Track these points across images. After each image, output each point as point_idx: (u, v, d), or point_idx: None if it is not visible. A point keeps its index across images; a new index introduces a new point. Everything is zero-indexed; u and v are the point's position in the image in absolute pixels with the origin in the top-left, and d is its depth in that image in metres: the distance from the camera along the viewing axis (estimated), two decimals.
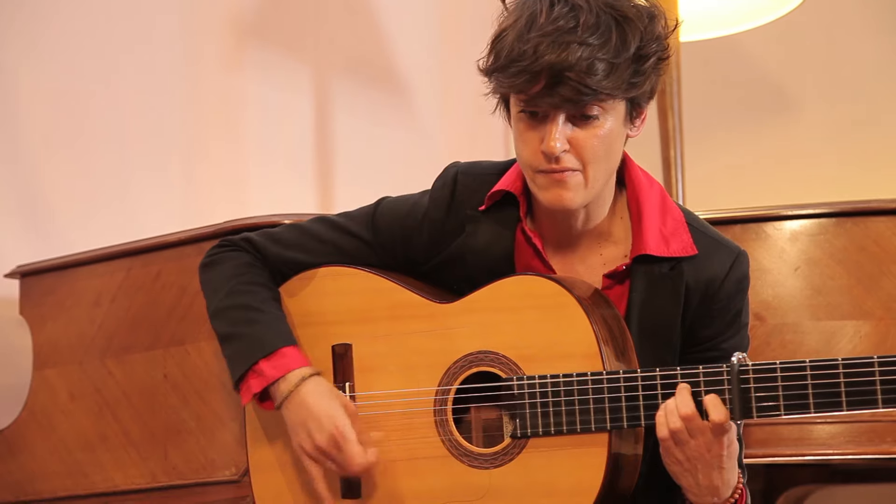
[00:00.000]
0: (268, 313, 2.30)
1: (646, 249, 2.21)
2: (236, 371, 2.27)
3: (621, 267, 2.24)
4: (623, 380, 2.12)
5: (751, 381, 2.08)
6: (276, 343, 2.26)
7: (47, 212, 3.49)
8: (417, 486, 2.22)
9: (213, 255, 2.40)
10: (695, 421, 2.06)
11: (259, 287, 2.33)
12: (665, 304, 2.22)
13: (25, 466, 3.01)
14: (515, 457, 2.17)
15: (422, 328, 2.25)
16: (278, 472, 2.32)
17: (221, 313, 2.32)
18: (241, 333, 2.28)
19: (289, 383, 2.24)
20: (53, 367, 3.03)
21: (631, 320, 2.22)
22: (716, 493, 2.12)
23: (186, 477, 2.79)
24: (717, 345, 2.25)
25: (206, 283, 2.38)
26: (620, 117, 2.15)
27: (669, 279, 2.22)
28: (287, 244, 2.37)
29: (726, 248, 2.25)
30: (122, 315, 2.96)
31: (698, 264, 2.22)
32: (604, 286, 2.25)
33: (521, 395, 2.16)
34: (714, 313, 2.23)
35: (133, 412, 2.89)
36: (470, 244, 2.27)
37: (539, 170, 2.15)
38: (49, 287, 3.08)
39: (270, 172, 3.98)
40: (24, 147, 3.47)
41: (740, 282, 2.24)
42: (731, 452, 2.10)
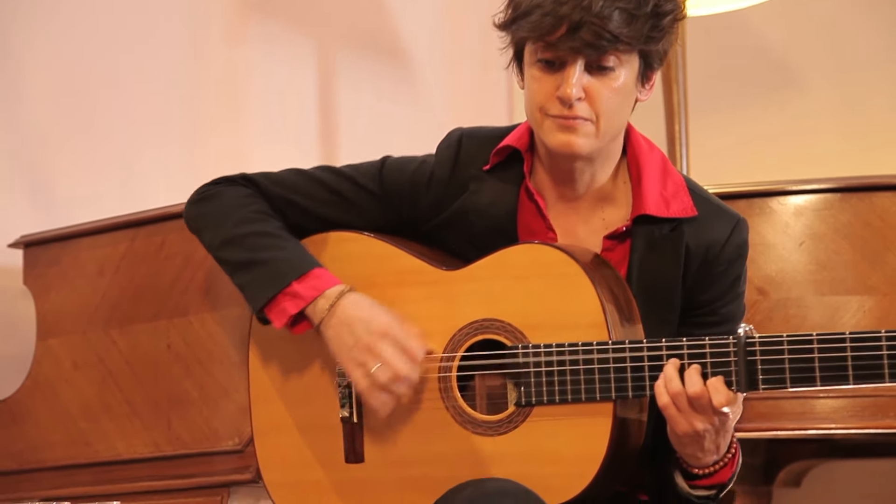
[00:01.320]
0: (288, 240, 2.29)
1: (646, 209, 2.23)
2: (262, 296, 2.23)
3: (622, 228, 2.25)
4: (628, 350, 2.12)
5: (757, 354, 2.08)
6: (307, 265, 2.24)
7: (51, 182, 3.49)
8: (421, 452, 2.22)
9: (207, 190, 2.37)
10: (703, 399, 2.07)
11: (269, 217, 2.32)
12: (665, 264, 2.23)
13: (29, 435, 3.01)
14: (519, 425, 2.17)
15: (427, 294, 2.24)
16: (282, 436, 2.32)
17: (233, 242, 2.29)
18: (263, 259, 2.25)
19: (328, 299, 2.22)
20: (57, 337, 3.03)
21: (632, 281, 2.23)
22: (716, 452, 2.14)
23: (190, 446, 2.80)
24: (715, 310, 2.26)
25: (202, 216, 2.35)
26: (634, 74, 2.18)
27: (669, 240, 2.23)
28: (289, 187, 2.35)
29: (727, 213, 2.27)
30: (125, 285, 2.96)
31: (699, 228, 2.24)
32: (605, 248, 2.26)
33: (525, 364, 2.16)
34: (713, 278, 2.25)
35: (136, 382, 2.89)
36: (473, 202, 2.28)
37: (551, 114, 2.17)
38: (53, 257, 3.08)
39: (274, 146, 3.98)
40: (28, 119, 3.47)
41: (740, 247, 2.26)
42: (735, 418, 2.12)
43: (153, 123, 3.69)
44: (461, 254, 2.28)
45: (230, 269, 2.29)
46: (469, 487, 2.08)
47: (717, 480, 2.17)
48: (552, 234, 2.27)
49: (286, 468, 2.31)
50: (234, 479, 2.72)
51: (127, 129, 3.64)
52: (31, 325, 3.10)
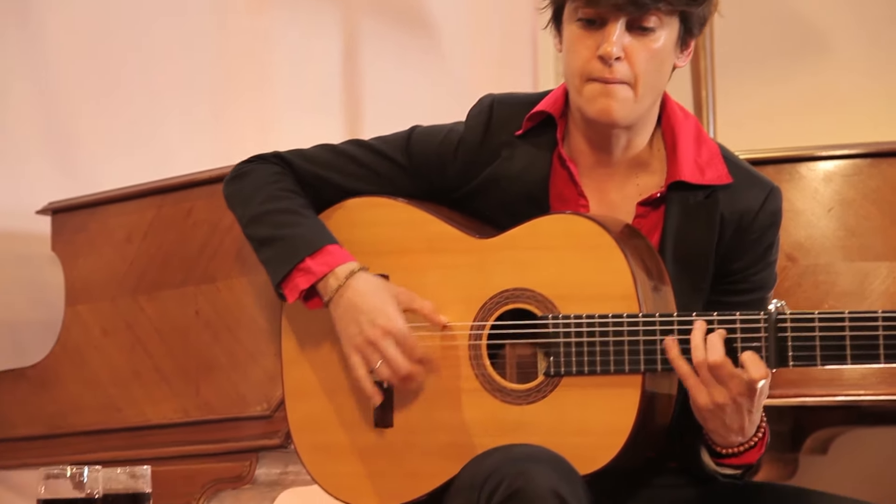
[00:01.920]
0: (308, 217, 2.30)
1: (681, 176, 2.22)
2: (279, 271, 2.26)
3: (656, 194, 2.25)
4: (659, 323, 2.12)
5: (788, 331, 2.07)
6: (321, 241, 2.26)
7: (78, 149, 3.50)
8: (450, 418, 2.23)
9: (241, 168, 2.40)
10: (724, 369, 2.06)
11: (295, 195, 2.33)
12: (700, 231, 2.23)
13: (58, 400, 3.04)
14: (548, 394, 2.17)
15: (459, 262, 2.24)
16: (313, 400, 2.33)
17: (260, 218, 2.31)
18: (282, 235, 2.28)
19: (338, 278, 2.24)
20: (85, 304, 3.04)
21: (665, 248, 2.23)
22: (741, 433, 2.12)
23: (218, 412, 2.81)
24: (747, 277, 2.26)
25: (236, 194, 2.38)
26: (673, 38, 2.18)
27: (704, 207, 2.23)
28: (319, 163, 2.37)
29: (761, 181, 2.27)
30: (153, 252, 2.97)
31: (733, 195, 2.23)
32: (638, 214, 2.26)
33: (555, 334, 2.16)
34: (746, 245, 2.24)
35: (165, 348, 2.90)
36: (505, 169, 2.28)
37: (591, 77, 2.17)
38: (80, 224, 3.09)
39: (299, 114, 3.98)
40: (55, 86, 3.47)
41: (774, 215, 2.26)
42: (761, 398, 2.10)
43: (179, 91, 3.70)
44: (493, 221, 2.27)
45: (256, 245, 2.32)
46: (497, 453, 2.08)
47: (743, 461, 2.17)
48: (584, 201, 2.26)
49: (316, 431, 2.32)
50: (263, 444, 2.73)
51: (153, 96, 3.64)
52: (60, 291, 3.11)
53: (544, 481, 1.97)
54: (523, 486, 1.96)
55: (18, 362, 3.19)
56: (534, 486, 1.96)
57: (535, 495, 1.96)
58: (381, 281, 2.25)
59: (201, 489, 2.79)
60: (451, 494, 2.15)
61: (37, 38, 3.45)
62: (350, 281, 2.23)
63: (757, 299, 2.26)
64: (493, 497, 1.98)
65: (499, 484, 1.98)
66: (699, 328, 2.08)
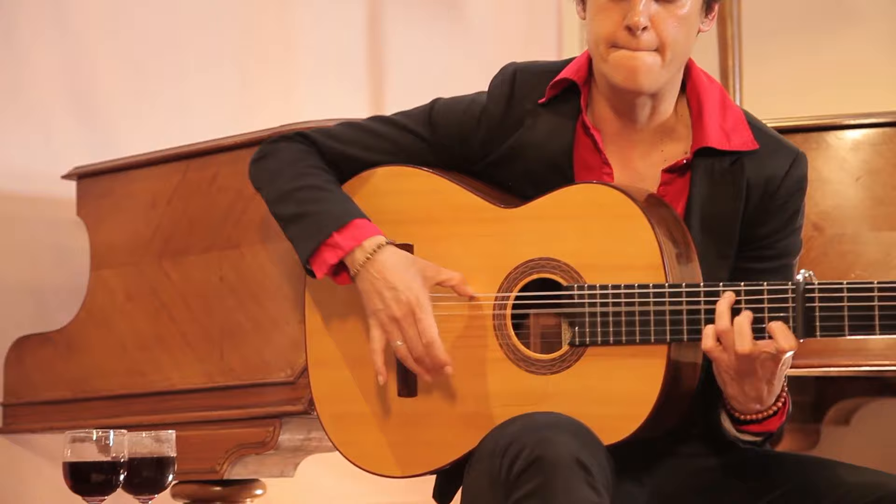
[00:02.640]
0: (335, 192, 2.30)
1: (707, 142, 2.21)
2: (307, 247, 2.26)
3: (682, 161, 2.23)
4: (685, 293, 2.11)
5: (816, 301, 2.06)
6: (349, 216, 2.26)
7: (104, 115, 3.51)
8: (474, 387, 2.23)
9: (266, 148, 2.40)
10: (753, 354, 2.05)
11: (321, 171, 2.33)
12: (726, 198, 2.22)
13: (84, 364, 3.05)
14: (573, 364, 2.17)
15: (484, 232, 2.24)
16: (336, 370, 2.33)
17: (287, 196, 2.31)
18: (310, 212, 2.27)
19: (364, 251, 2.23)
20: (110, 268, 3.05)
21: (691, 216, 2.22)
22: (759, 401, 2.12)
23: (242, 378, 2.82)
24: (772, 244, 2.25)
25: (262, 172, 2.38)
26: (699, 3, 2.18)
27: (730, 174, 2.22)
28: (343, 140, 2.36)
29: (786, 147, 2.26)
30: (178, 217, 2.97)
31: (759, 161, 2.23)
32: (663, 181, 2.25)
33: (580, 304, 2.15)
34: (772, 211, 2.24)
35: (189, 314, 2.91)
36: (528, 138, 2.27)
37: (616, 45, 2.16)
38: (106, 189, 3.10)
39: (322, 80, 3.98)
40: (81, 52, 3.47)
41: (800, 181, 2.25)
42: (784, 368, 2.10)
43: (204, 57, 3.70)
44: (517, 190, 2.27)
45: (283, 223, 2.32)
46: (519, 420, 2.08)
47: (763, 429, 2.17)
48: (608, 169, 2.25)
49: (339, 401, 2.33)
50: (286, 410, 2.74)
51: (178, 62, 3.65)
52: (85, 256, 3.12)
53: (566, 448, 1.97)
54: (544, 454, 1.96)
55: (44, 326, 3.21)
56: (555, 454, 1.96)
57: (556, 462, 1.96)
58: (407, 255, 2.25)
59: (225, 454, 2.80)
60: (473, 462, 2.16)
61: (63, 5, 3.45)
62: (377, 255, 2.23)
63: (782, 266, 2.26)
64: (515, 464, 1.98)
65: (520, 451, 1.99)
66: (726, 298, 2.08)
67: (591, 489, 1.96)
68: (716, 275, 2.21)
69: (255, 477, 2.89)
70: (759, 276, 2.20)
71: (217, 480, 2.84)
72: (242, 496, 2.90)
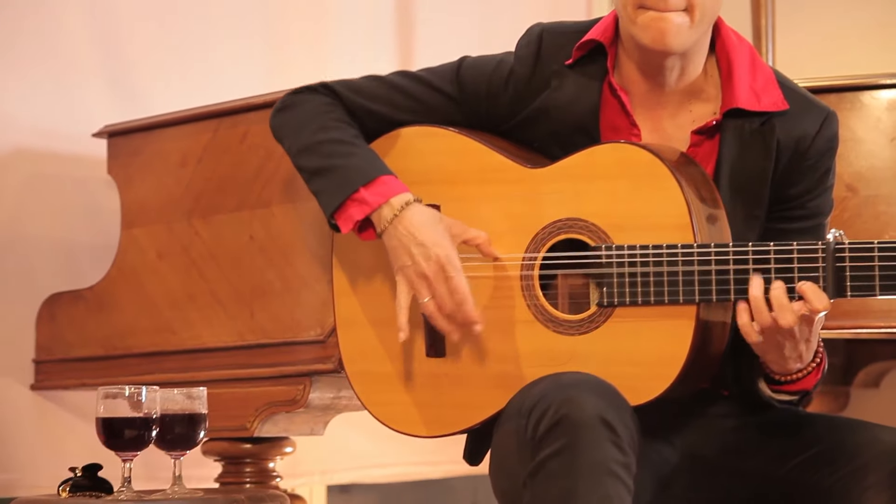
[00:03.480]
0: (361, 146, 2.29)
1: (737, 103, 2.19)
2: (333, 201, 2.25)
3: (711, 122, 2.22)
4: (714, 253, 2.10)
5: (846, 261, 2.05)
6: (376, 171, 2.25)
7: (134, 73, 3.51)
8: (502, 348, 2.23)
9: (290, 99, 2.39)
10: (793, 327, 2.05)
11: (346, 125, 2.32)
12: (756, 159, 2.20)
13: (115, 322, 3.07)
14: (601, 325, 2.16)
15: (511, 193, 2.23)
16: (365, 330, 2.34)
17: (311, 149, 2.30)
18: (336, 165, 2.26)
19: (392, 208, 2.23)
20: (141, 227, 3.06)
21: (721, 177, 2.20)
22: (799, 360, 2.12)
23: (272, 336, 2.83)
24: (804, 203, 2.24)
25: (285, 124, 2.37)
26: None
27: (760, 134, 2.21)
28: (368, 95, 2.35)
29: (817, 106, 2.24)
30: (208, 176, 2.97)
31: (789, 121, 2.21)
32: (692, 143, 2.23)
33: (608, 264, 2.14)
34: (803, 171, 2.22)
35: (220, 272, 2.92)
36: (555, 99, 2.26)
37: (644, 6, 2.14)
38: (136, 147, 3.10)
39: (351, 37, 3.96)
40: (111, 10, 3.47)
41: (831, 140, 2.24)
42: (819, 326, 2.09)
43: (233, 15, 3.69)
44: (543, 151, 2.26)
45: (307, 175, 2.31)
46: (545, 380, 2.08)
47: (800, 387, 2.16)
48: (636, 130, 2.24)
49: (368, 361, 2.33)
50: (316, 368, 2.75)
51: (207, 20, 3.64)
52: (116, 214, 3.13)
53: (591, 408, 1.97)
54: (569, 413, 1.96)
55: (75, 284, 3.23)
56: (580, 413, 1.96)
57: (581, 422, 1.96)
58: (435, 212, 2.24)
59: (255, 412, 2.82)
60: (500, 422, 2.16)
61: None
62: (405, 212, 2.22)
63: (814, 226, 2.25)
64: (541, 424, 1.99)
65: (546, 411, 1.98)
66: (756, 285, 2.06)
67: (616, 448, 1.96)
68: (745, 236, 2.20)
69: (284, 435, 2.91)
70: (792, 236, 2.19)
71: (247, 438, 2.86)
72: (272, 454, 2.92)
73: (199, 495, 2.38)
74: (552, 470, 1.96)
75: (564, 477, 1.95)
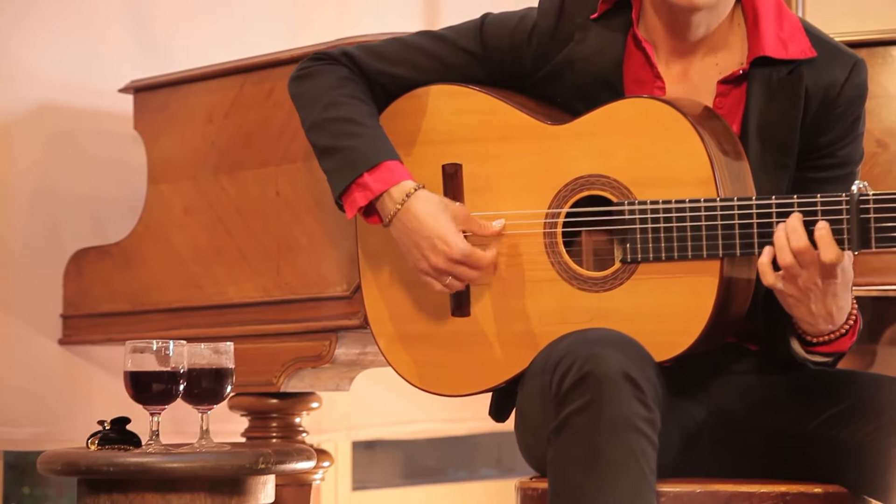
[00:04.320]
0: (370, 128, 2.29)
1: (764, 51, 2.18)
2: (339, 184, 2.27)
3: (738, 71, 2.20)
4: (737, 207, 2.08)
5: (871, 211, 2.02)
6: (380, 156, 2.25)
7: (160, 28, 3.50)
8: (526, 306, 2.22)
9: (308, 67, 2.38)
10: (807, 254, 2.02)
11: (359, 102, 2.31)
12: (785, 107, 2.19)
13: (141, 277, 3.08)
14: (625, 281, 2.15)
15: (533, 150, 2.22)
16: (389, 290, 2.34)
17: (321, 125, 2.31)
18: (343, 146, 2.27)
19: (394, 200, 2.23)
20: (167, 182, 3.07)
21: (749, 126, 2.19)
22: (830, 320, 2.09)
23: (298, 292, 2.83)
24: (834, 152, 2.22)
25: (300, 96, 2.37)
26: None
27: (788, 83, 2.19)
28: (390, 59, 2.34)
29: (845, 53, 2.22)
30: (234, 132, 2.97)
31: (817, 69, 2.19)
32: (719, 93, 2.22)
33: (631, 220, 2.13)
34: (833, 119, 2.20)
35: (246, 228, 2.92)
36: (579, 52, 2.24)
37: None
38: (162, 102, 3.10)
39: None
40: None
41: (860, 88, 2.22)
42: (844, 280, 2.06)
43: None
44: (567, 106, 2.24)
45: (318, 152, 2.32)
46: (570, 337, 2.08)
47: (833, 349, 2.14)
48: (660, 83, 2.22)
49: (393, 321, 2.33)
50: (342, 324, 2.75)
51: None
52: (142, 169, 3.14)
53: (615, 364, 1.96)
54: (593, 369, 1.96)
55: (102, 240, 3.24)
56: (604, 369, 1.96)
57: (605, 377, 1.95)
58: (437, 201, 2.24)
59: (282, 367, 2.82)
60: (525, 379, 2.16)
61: None
62: (407, 203, 2.22)
63: (845, 174, 2.23)
64: (565, 380, 1.98)
65: (570, 367, 1.98)
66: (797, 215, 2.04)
67: (640, 404, 1.96)
68: (775, 185, 2.19)
69: (310, 390, 2.92)
70: (823, 185, 2.19)
71: (273, 393, 2.87)
72: (298, 409, 2.93)
73: (227, 449, 2.40)
74: (577, 426, 1.96)
75: (589, 433, 1.95)
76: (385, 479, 4.35)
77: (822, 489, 2.12)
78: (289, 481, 2.89)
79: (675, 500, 2.10)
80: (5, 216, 3.24)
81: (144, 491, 2.34)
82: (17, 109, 3.28)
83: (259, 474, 2.39)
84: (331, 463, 3.00)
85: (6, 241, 3.23)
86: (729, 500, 2.10)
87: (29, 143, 3.29)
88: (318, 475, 2.96)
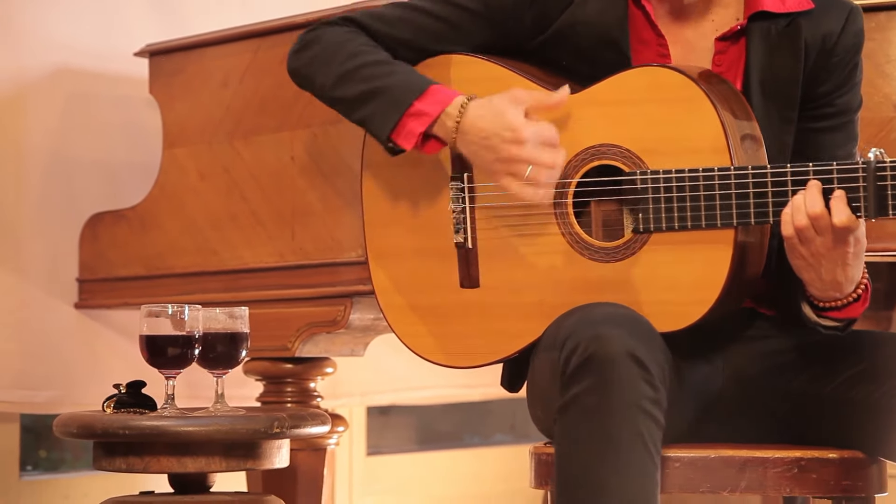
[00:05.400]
0: (399, 64, 2.26)
1: (761, 6, 2.17)
2: (387, 122, 2.21)
3: (736, 27, 2.20)
4: (752, 175, 2.07)
5: (888, 179, 2.01)
6: (424, 83, 2.21)
7: None
8: (536, 277, 2.21)
9: (308, 36, 2.35)
10: (822, 220, 2.01)
11: (374, 48, 2.29)
12: (785, 60, 2.19)
13: (157, 242, 3.08)
14: (637, 251, 2.15)
15: (542, 119, 2.20)
16: (397, 262, 2.33)
17: (347, 76, 2.27)
18: (380, 87, 2.23)
19: (451, 117, 2.18)
20: (183, 147, 3.07)
21: (750, 82, 2.18)
22: (838, 289, 2.09)
23: (313, 257, 2.83)
24: (832, 101, 2.22)
25: (309, 62, 2.32)
26: None
27: (787, 36, 2.19)
28: (392, 21, 2.32)
29: (840, 2, 2.22)
30: (249, 96, 2.97)
31: (814, 19, 2.19)
32: (717, 50, 2.21)
33: (643, 190, 2.12)
34: (831, 68, 2.20)
35: (261, 193, 2.92)
36: (580, 14, 2.23)
37: None
38: (178, 66, 3.10)
39: None
40: None
41: (857, 35, 2.22)
42: (857, 250, 2.06)
43: None
44: (571, 70, 2.23)
45: (347, 106, 2.27)
46: (576, 313, 2.07)
47: (844, 315, 2.14)
48: (663, 41, 2.22)
49: (401, 293, 2.33)
50: (357, 289, 2.75)
51: None
52: (158, 134, 3.14)
53: (620, 344, 1.96)
54: (598, 350, 1.96)
55: (117, 204, 3.24)
56: (609, 350, 1.96)
57: (610, 359, 1.95)
58: (491, 99, 2.18)
59: (296, 332, 2.83)
60: (537, 351, 2.16)
61: None
62: (465, 115, 2.17)
63: (843, 123, 2.23)
64: (571, 360, 1.98)
65: (576, 347, 1.98)
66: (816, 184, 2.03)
67: (647, 384, 1.96)
68: (781, 139, 2.19)
69: (325, 355, 2.92)
70: (823, 134, 2.19)
71: (288, 358, 2.87)
72: (313, 374, 2.94)
73: (242, 413, 2.41)
74: (583, 406, 1.97)
75: (596, 414, 1.95)
76: (399, 444, 4.36)
77: (838, 454, 2.12)
78: (303, 446, 2.90)
79: (689, 465, 2.10)
80: (21, 180, 3.25)
81: (160, 454, 2.35)
82: (33, 74, 3.27)
83: (274, 438, 2.40)
84: (345, 428, 3.00)
85: (22, 205, 3.24)
86: (743, 465, 2.11)
87: (44, 108, 3.29)
88: (332, 440, 2.97)
